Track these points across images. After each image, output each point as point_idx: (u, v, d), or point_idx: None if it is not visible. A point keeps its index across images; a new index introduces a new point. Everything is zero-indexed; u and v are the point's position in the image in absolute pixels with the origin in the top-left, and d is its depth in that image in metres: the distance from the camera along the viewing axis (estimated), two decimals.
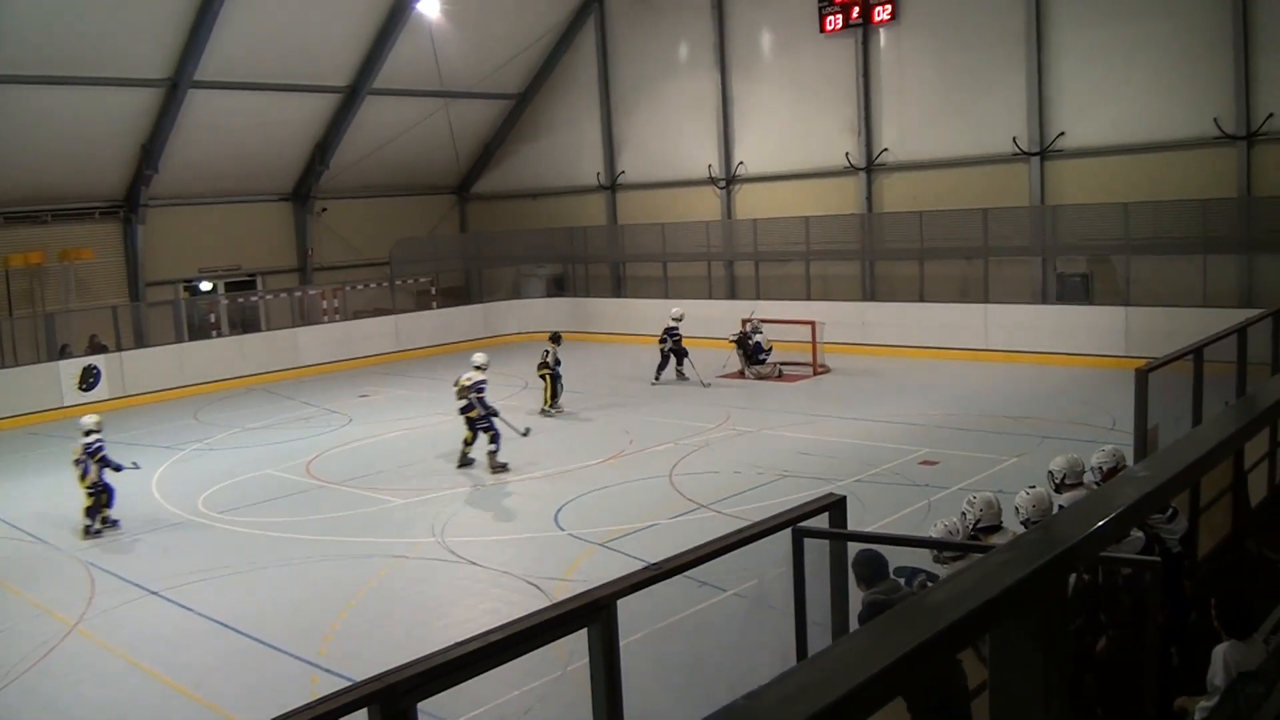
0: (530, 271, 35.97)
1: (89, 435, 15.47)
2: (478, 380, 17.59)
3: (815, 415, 20.13)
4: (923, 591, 6.25)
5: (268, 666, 10.46)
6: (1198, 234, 22.56)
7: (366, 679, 3.51)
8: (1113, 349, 22.62)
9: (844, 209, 28.79)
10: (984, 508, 7.50)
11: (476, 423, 17.49)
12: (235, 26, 26.75)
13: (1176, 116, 23.16)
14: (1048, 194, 25.33)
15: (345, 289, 32.32)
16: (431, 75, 30.68)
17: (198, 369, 27.00)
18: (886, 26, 27.51)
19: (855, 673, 1.84)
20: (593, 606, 4.08)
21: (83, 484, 15.24)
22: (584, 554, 13.06)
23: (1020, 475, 13.81)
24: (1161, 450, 6.13)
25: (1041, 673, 2.34)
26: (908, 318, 26.56)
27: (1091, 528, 2.70)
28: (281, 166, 32.69)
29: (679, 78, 32.37)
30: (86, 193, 28.95)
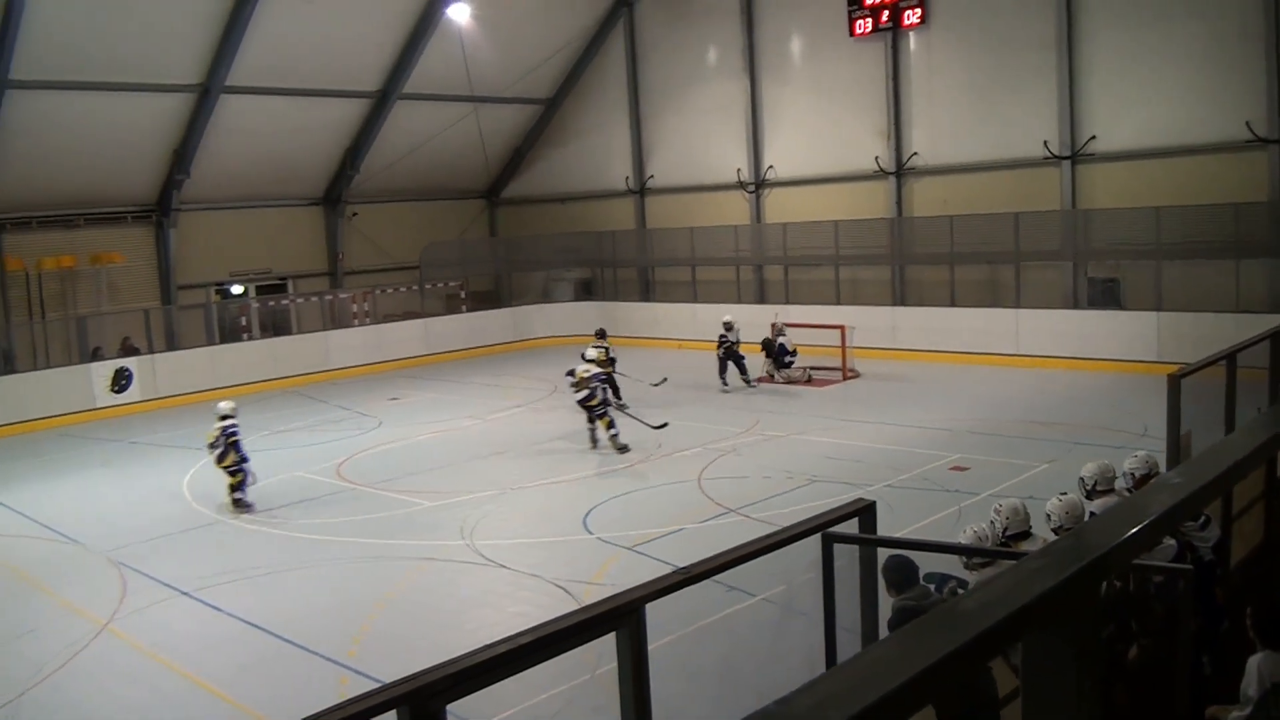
0: (559, 275, 36.04)
1: (225, 420, 16.55)
2: (596, 372, 19.17)
3: (845, 420, 20.07)
4: (954, 598, 6.24)
5: (297, 667, 10.50)
6: (1230, 238, 22.35)
7: (396, 680, 3.52)
8: (1144, 354, 22.45)
9: (874, 213, 28.71)
10: (1010, 515, 7.46)
11: (595, 410, 18.74)
12: (266, 32, 26.93)
13: (1208, 120, 22.98)
14: (1079, 198, 25.17)
15: (375, 293, 32.48)
16: (461, 80, 30.79)
17: (229, 372, 27.15)
18: (916, 30, 27.41)
19: (886, 680, 1.84)
20: (621, 610, 4.08)
21: (221, 465, 16.38)
22: (612, 558, 13.07)
23: (1051, 481, 13.71)
24: (1194, 457, 6.09)
25: (1074, 681, 2.32)
26: (938, 323, 26.45)
27: (1124, 535, 2.69)
28: (312, 171, 32.87)
29: (708, 82, 32.36)
30: (118, 197, 29.21)
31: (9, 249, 27.64)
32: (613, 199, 35.40)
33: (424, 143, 33.20)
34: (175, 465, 19.51)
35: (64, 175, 27.30)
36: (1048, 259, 25.43)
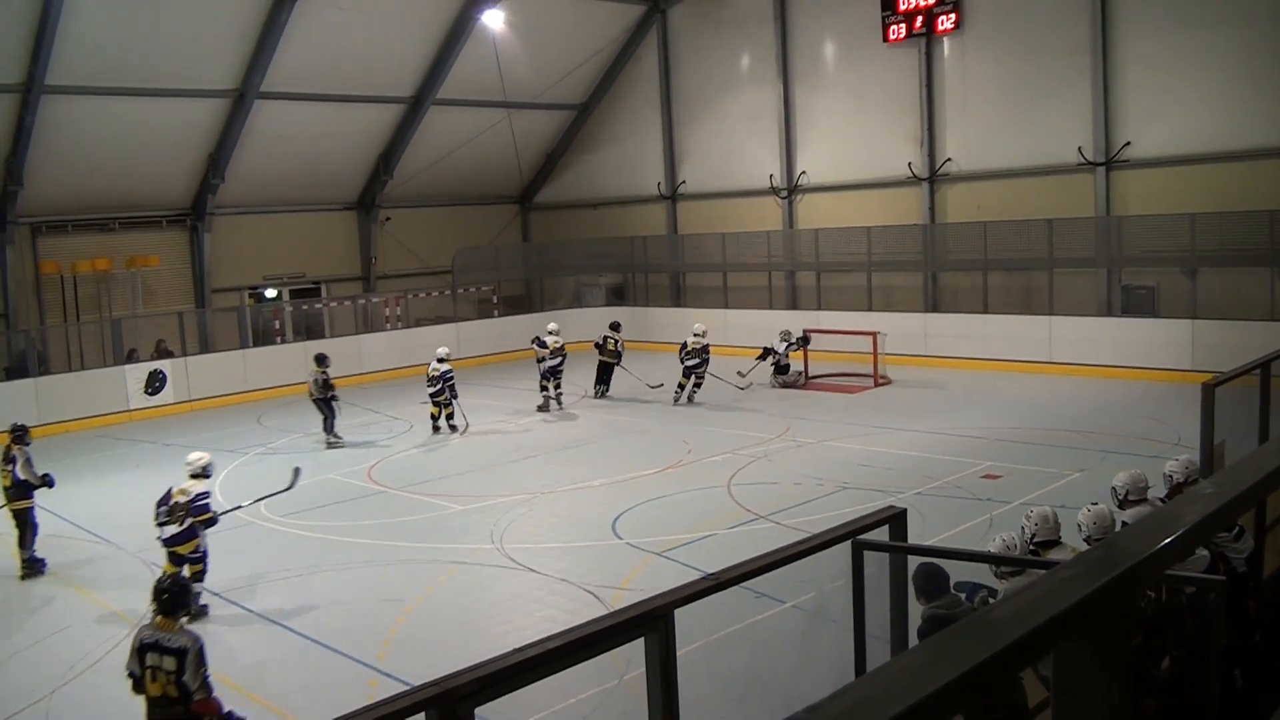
0: (590, 281, 36.09)
1: (443, 363, 21.27)
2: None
3: (876, 427, 20.00)
4: (984, 608, 6.20)
5: (327, 669, 10.55)
6: (1265, 246, 22.15)
7: (424, 683, 3.53)
8: (1179, 363, 22.28)
9: (906, 219, 28.61)
10: (1040, 522, 7.42)
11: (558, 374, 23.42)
12: (301, 38, 27.13)
13: (1244, 126, 22.79)
14: (1113, 205, 25.01)
15: (408, 297, 32.63)
16: (495, 86, 30.91)
17: (262, 374, 27.34)
18: (950, 36, 27.31)
19: (915, 689, 1.83)
20: (650, 616, 4.08)
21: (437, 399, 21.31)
22: (641, 563, 13.06)
23: (1083, 490, 13.64)
24: (1227, 467, 6.03)
25: (1105, 693, 2.31)
26: (970, 330, 26.33)
27: (1157, 545, 2.66)
28: (346, 176, 33.08)
29: (741, 88, 32.35)
30: (154, 201, 29.50)
31: (45, 252, 27.96)
32: (645, 204, 35.44)
33: (457, 148, 33.34)
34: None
35: (100, 179, 27.60)
36: (1082, 266, 25.28)
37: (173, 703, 7.46)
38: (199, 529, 12.16)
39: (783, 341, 24.65)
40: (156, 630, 7.61)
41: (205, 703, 7.47)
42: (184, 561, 12.15)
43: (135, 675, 7.62)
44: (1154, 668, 6.35)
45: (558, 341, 23.28)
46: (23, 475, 13.91)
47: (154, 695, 7.51)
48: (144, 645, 7.55)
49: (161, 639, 7.52)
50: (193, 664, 7.43)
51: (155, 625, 7.67)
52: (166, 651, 7.48)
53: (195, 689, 7.41)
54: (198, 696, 7.42)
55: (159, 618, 7.67)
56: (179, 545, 12.09)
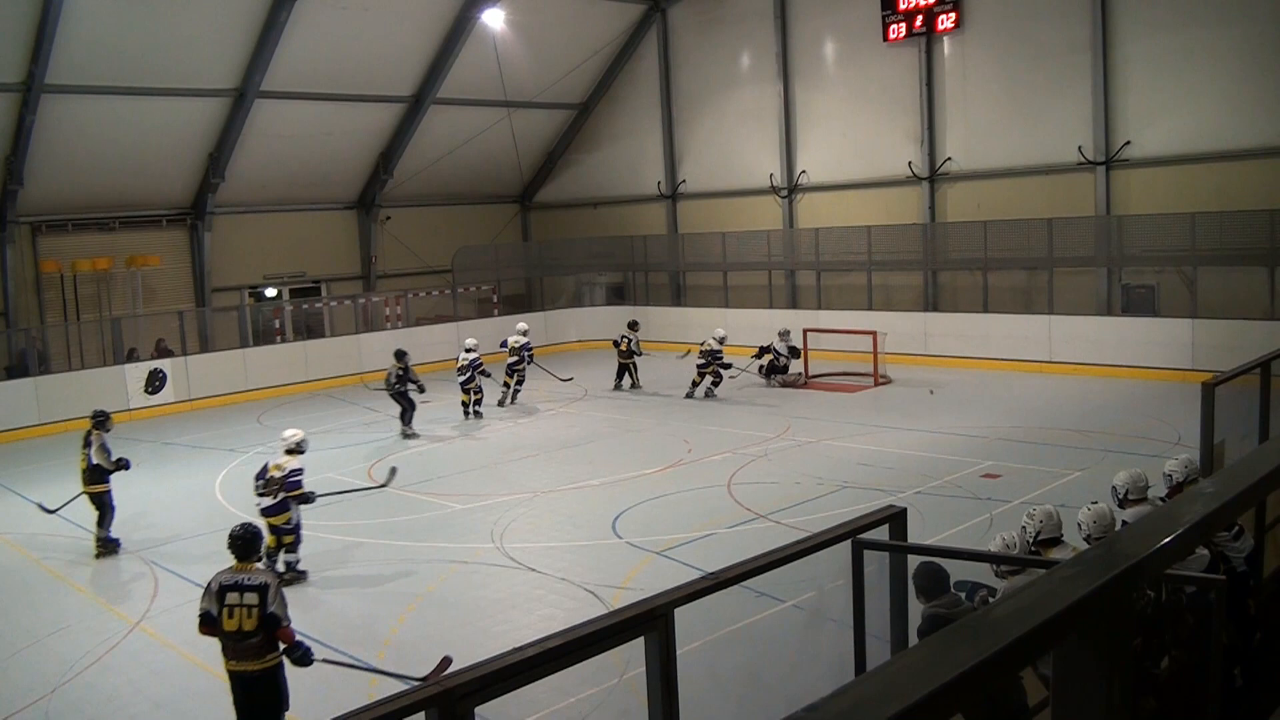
0: (591, 280, 36.10)
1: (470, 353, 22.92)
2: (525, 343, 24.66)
3: (876, 426, 20.00)
4: (984, 607, 6.20)
5: (327, 668, 10.53)
6: (1265, 245, 22.16)
7: (425, 683, 3.53)
8: (1179, 362, 22.28)
9: (907, 218, 28.62)
10: (1044, 519, 7.43)
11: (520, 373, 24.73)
12: (301, 37, 27.14)
13: (1244, 125, 22.80)
14: (1113, 204, 25.01)
15: (408, 296, 32.63)
16: (495, 85, 30.91)
17: (262, 374, 27.35)
18: (950, 35, 27.32)
19: (915, 688, 1.83)
20: (650, 615, 4.08)
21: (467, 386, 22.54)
22: (641, 562, 13.07)
23: (1083, 490, 13.65)
24: (1227, 467, 6.04)
25: (1104, 692, 2.31)
26: (970, 329, 26.34)
27: (1156, 545, 2.66)
28: (346, 175, 33.09)
29: (741, 87, 32.36)
30: (154, 200, 29.51)
31: (45, 251, 27.96)
32: (645, 203, 35.45)
33: (457, 147, 33.35)
34: (208, 466, 19.66)
35: (100, 179, 27.61)
36: (1082, 265, 25.30)
37: (247, 635, 8.47)
38: (291, 503, 13.00)
39: (782, 341, 24.63)
40: (235, 573, 8.60)
41: (288, 630, 8.55)
42: (280, 533, 13.01)
43: (210, 615, 8.58)
44: (1154, 667, 6.36)
45: (518, 341, 24.70)
46: (96, 459, 14.59)
47: (230, 630, 8.48)
48: (224, 587, 8.53)
49: (241, 579, 8.54)
50: (276, 596, 8.51)
51: (233, 569, 8.64)
52: (248, 589, 8.47)
53: (282, 615, 8.47)
54: (285, 623, 8.49)
55: (237, 562, 8.68)
56: (273, 517, 12.92)
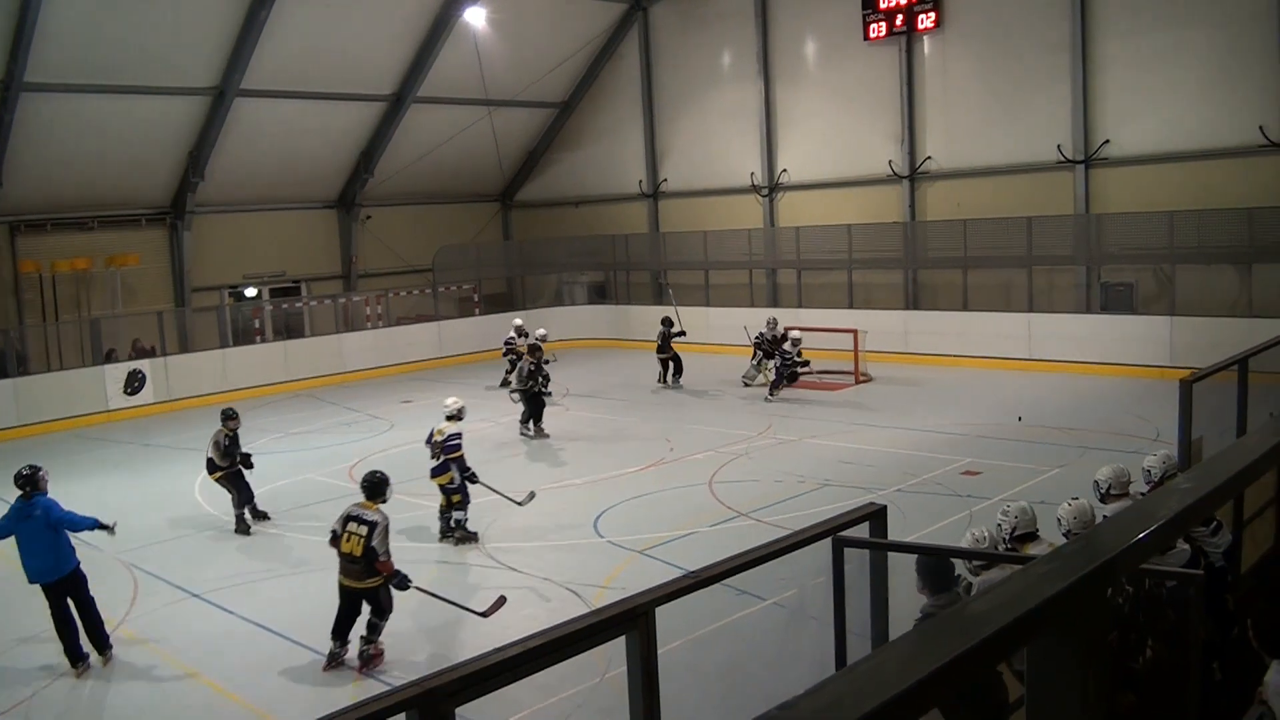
0: (572, 279, 36.08)
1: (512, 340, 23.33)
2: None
3: (857, 425, 20.05)
4: (959, 602, 6.23)
5: (309, 670, 10.53)
6: (1243, 243, 22.32)
7: (406, 683, 3.53)
8: (1157, 359, 22.39)
9: (887, 217, 28.69)
10: (1019, 515, 7.50)
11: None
12: (281, 36, 27.03)
13: (1222, 124, 22.94)
14: (1092, 202, 25.13)
15: (389, 295, 32.55)
16: (476, 83, 30.86)
17: (242, 374, 27.25)
18: (930, 34, 27.40)
19: (891, 684, 1.84)
20: (631, 614, 4.09)
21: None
22: (623, 561, 13.08)
23: (1062, 486, 13.69)
24: (1204, 461, 6.08)
25: (1080, 687, 2.32)
26: (951, 327, 26.41)
27: (1132, 540, 2.68)
28: (327, 174, 32.99)
29: (722, 86, 32.39)
30: (133, 199, 29.35)
31: (24, 251, 27.78)
32: (626, 202, 35.44)
33: (438, 146, 33.27)
34: (187, 468, 19.55)
35: (78, 178, 27.44)
36: (1061, 263, 25.42)
37: (355, 560, 10.40)
38: (451, 464, 14.19)
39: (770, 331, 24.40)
40: (360, 507, 10.64)
41: (385, 563, 10.40)
42: (447, 492, 14.31)
43: (335, 534, 10.63)
44: (1134, 662, 6.39)
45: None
46: (210, 453, 15.41)
47: (345, 551, 10.48)
48: (349, 515, 10.62)
49: (361, 514, 10.54)
50: (380, 534, 10.36)
51: (360, 505, 10.70)
52: (363, 522, 10.42)
53: (381, 552, 10.32)
54: (381, 558, 10.34)
55: (364, 499, 10.74)
56: (437, 477, 14.35)
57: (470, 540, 14.07)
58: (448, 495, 14.23)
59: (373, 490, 10.78)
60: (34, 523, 10.71)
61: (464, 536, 14.09)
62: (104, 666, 10.77)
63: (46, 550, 10.72)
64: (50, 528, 10.75)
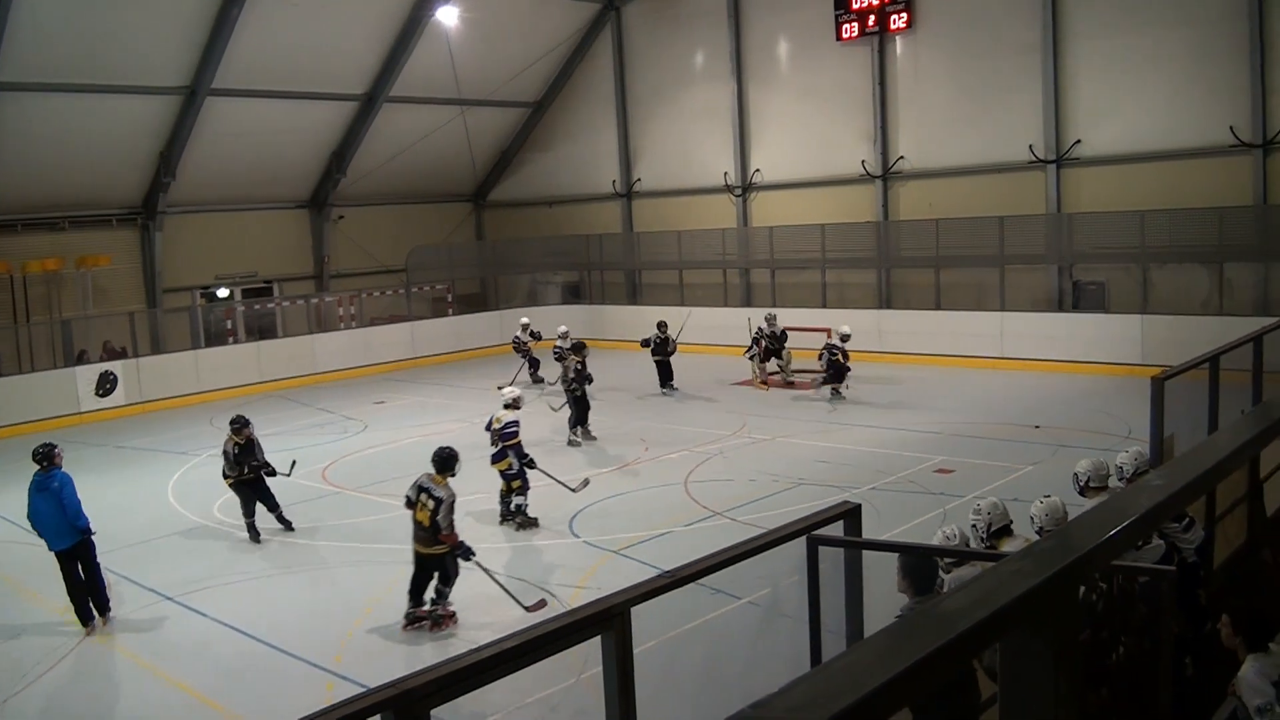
0: (546, 278, 36.06)
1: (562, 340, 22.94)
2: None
3: (830, 423, 20.10)
4: (931, 600, 6.25)
5: (283, 672, 10.48)
6: (1214, 242, 22.49)
7: (381, 685, 3.52)
8: (1129, 357, 22.53)
9: (860, 217, 28.78)
10: (991, 511, 7.55)
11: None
12: (253, 35, 26.90)
13: (1193, 125, 23.10)
14: (1064, 202, 25.27)
15: (362, 296, 32.46)
16: (448, 83, 30.78)
17: (214, 375, 27.11)
18: (903, 35, 27.50)
19: (864, 682, 1.84)
20: (607, 614, 4.08)
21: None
22: (598, 561, 13.07)
23: (1035, 484, 13.78)
24: (1176, 458, 6.13)
25: (1052, 683, 2.34)
26: (924, 326, 26.52)
27: (1105, 536, 2.70)
28: (299, 174, 32.85)
29: (695, 86, 32.42)
30: (104, 200, 29.15)
31: None
32: (600, 202, 35.43)
33: (410, 145, 33.18)
34: (160, 470, 19.47)
35: (49, 178, 27.22)
36: (1033, 262, 25.54)
37: (425, 529, 11.08)
38: (509, 451, 14.53)
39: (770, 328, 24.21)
40: (430, 481, 11.25)
41: (449, 536, 11.05)
42: (507, 478, 14.67)
43: (410, 500, 11.29)
44: (1107, 658, 6.43)
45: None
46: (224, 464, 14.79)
47: (418, 519, 11.15)
48: (421, 486, 11.24)
49: (431, 487, 11.18)
50: (445, 509, 10.98)
51: (431, 478, 11.28)
52: (432, 495, 11.08)
53: (445, 526, 10.96)
54: (445, 531, 10.99)
55: (435, 473, 11.33)
56: (496, 463, 14.68)
57: (531, 525, 14.49)
58: (507, 481, 14.62)
59: (442, 464, 11.42)
60: (50, 494, 11.90)
61: (525, 521, 14.52)
62: (103, 626, 11.89)
63: (60, 520, 11.90)
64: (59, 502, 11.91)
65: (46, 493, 11.91)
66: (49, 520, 11.89)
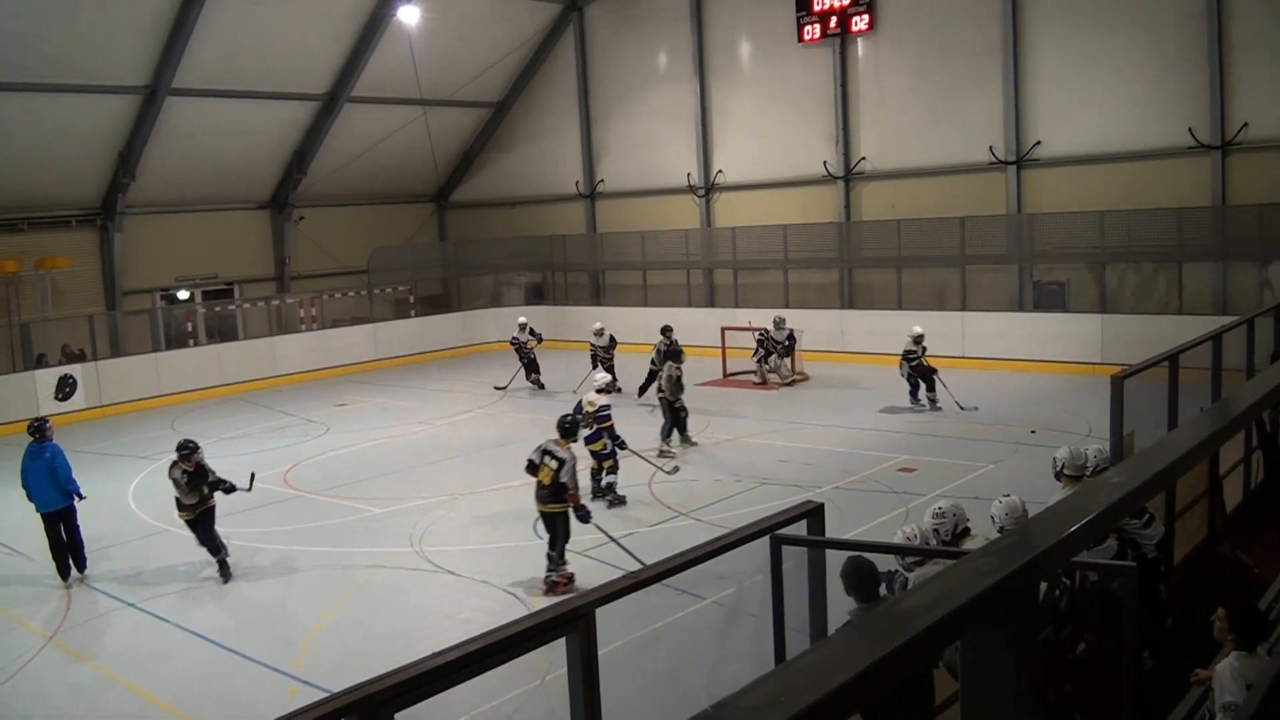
0: (509, 280, 35.99)
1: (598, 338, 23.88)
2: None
3: (793, 423, 20.15)
4: (893, 598, 6.26)
5: (245, 678, 10.41)
6: (1173, 242, 22.72)
7: (344, 690, 3.50)
8: (1089, 356, 22.72)
9: (822, 217, 28.87)
10: (954, 514, 7.57)
11: None
12: (214, 34, 26.66)
13: (1152, 126, 23.32)
14: (1024, 203, 25.45)
15: (323, 297, 32.25)
16: (410, 83, 30.64)
17: (175, 378, 26.87)
18: (864, 36, 27.61)
19: (825, 681, 1.84)
20: (571, 615, 4.08)
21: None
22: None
23: (997, 482, 13.89)
24: (1135, 455, 6.18)
25: (1013, 678, 2.35)
26: (885, 326, 26.55)
27: (1064, 533, 2.72)
28: (259, 174, 32.61)
29: (658, 86, 32.42)
30: (63, 200, 28.82)
31: None
32: (563, 203, 35.38)
33: (372, 146, 33.01)
34: (121, 474, 19.28)
35: (6, 178, 26.88)
36: (994, 262, 25.70)
37: (545, 487, 12.18)
38: (603, 433, 15.31)
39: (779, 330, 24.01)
40: (554, 444, 12.33)
41: (574, 495, 12.16)
42: (599, 458, 15.50)
43: (533, 463, 12.38)
44: (1070, 653, 6.48)
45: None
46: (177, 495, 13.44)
47: (541, 480, 12.23)
48: (544, 450, 12.34)
49: (555, 450, 12.25)
50: (568, 470, 12.06)
51: (555, 441, 12.38)
52: (555, 457, 12.16)
53: (571, 486, 12.07)
54: (571, 490, 12.08)
55: (559, 437, 12.44)
56: (591, 444, 15.34)
57: (620, 504, 15.21)
58: (600, 461, 15.46)
59: (566, 431, 12.58)
60: (42, 463, 13.58)
61: (615, 500, 15.25)
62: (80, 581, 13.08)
63: (49, 486, 13.46)
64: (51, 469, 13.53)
65: (39, 461, 13.58)
66: (39, 486, 13.45)
